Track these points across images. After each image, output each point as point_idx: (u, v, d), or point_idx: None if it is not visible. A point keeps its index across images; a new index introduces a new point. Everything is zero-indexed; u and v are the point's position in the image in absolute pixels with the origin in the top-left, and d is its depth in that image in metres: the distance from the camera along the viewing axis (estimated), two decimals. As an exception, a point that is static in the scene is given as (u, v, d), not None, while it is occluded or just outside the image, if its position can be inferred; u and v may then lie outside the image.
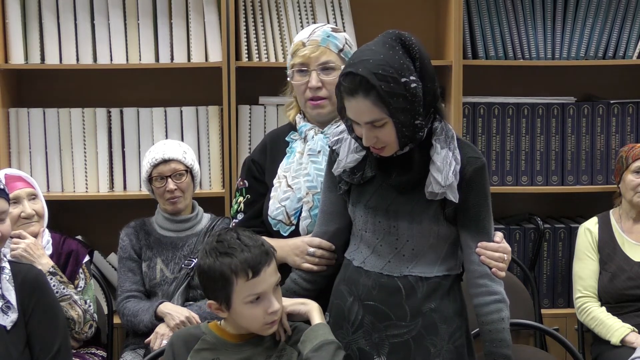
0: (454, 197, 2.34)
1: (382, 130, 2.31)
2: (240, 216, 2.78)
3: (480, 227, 2.41)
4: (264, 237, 2.48)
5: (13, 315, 2.61)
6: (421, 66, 2.31)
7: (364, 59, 2.29)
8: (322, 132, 2.71)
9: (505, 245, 2.45)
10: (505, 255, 2.42)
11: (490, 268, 2.41)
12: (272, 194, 2.71)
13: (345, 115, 2.38)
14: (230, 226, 2.81)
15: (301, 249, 2.56)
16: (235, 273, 2.29)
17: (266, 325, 2.35)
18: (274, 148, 2.78)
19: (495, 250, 2.41)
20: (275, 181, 2.72)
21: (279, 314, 2.36)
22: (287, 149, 2.75)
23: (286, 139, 2.77)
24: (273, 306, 2.32)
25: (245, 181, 2.79)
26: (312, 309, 2.42)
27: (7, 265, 2.66)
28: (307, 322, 2.43)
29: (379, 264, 2.44)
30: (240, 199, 2.79)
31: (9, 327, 2.59)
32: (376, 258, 2.44)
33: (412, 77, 2.27)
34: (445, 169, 2.32)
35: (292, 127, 2.80)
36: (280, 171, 2.72)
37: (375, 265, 2.44)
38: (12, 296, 2.61)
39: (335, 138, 2.50)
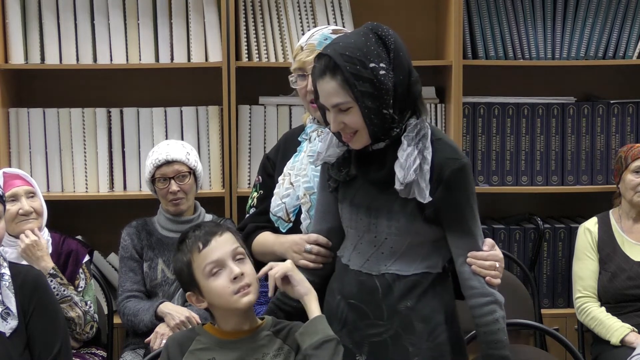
0: (421, 197, 2.31)
1: (348, 115, 2.31)
2: (252, 211, 2.84)
3: (464, 229, 2.37)
4: (267, 232, 2.53)
5: (13, 322, 2.59)
6: (395, 57, 2.30)
7: (335, 42, 2.35)
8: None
9: (496, 252, 2.41)
10: (497, 263, 2.39)
11: (484, 277, 2.38)
12: (275, 191, 2.75)
13: (319, 102, 2.38)
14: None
15: (299, 245, 2.57)
16: (190, 251, 2.36)
17: (236, 295, 2.35)
18: (287, 146, 2.83)
19: (485, 258, 2.38)
20: (280, 178, 2.76)
21: (246, 280, 2.35)
22: (298, 148, 2.78)
23: (298, 138, 2.80)
24: (233, 271, 2.34)
25: (260, 177, 2.86)
26: (311, 298, 2.40)
27: (7, 271, 2.65)
28: (301, 308, 2.41)
29: (359, 261, 2.44)
30: (255, 194, 2.84)
31: (8, 334, 2.58)
32: (357, 255, 2.45)
33: (382, 65, 2.27)
34: (407, 165, 2.30)
35: None
36: (285, 169, 2.76)
37: (357, 263, 2.44)
38: (12, 303, 2.60)
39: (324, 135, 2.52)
